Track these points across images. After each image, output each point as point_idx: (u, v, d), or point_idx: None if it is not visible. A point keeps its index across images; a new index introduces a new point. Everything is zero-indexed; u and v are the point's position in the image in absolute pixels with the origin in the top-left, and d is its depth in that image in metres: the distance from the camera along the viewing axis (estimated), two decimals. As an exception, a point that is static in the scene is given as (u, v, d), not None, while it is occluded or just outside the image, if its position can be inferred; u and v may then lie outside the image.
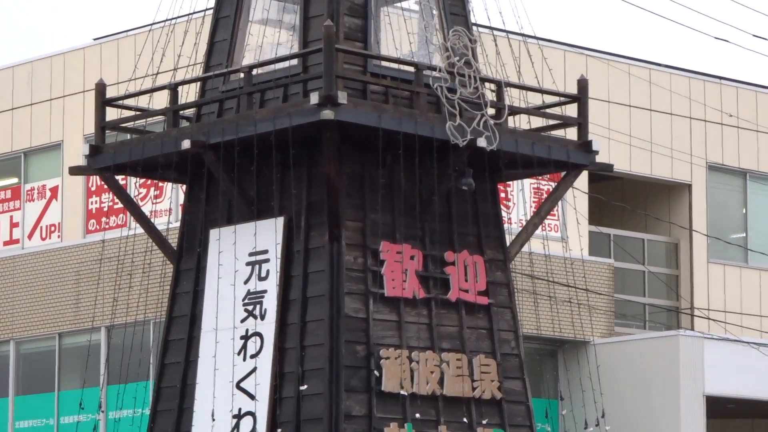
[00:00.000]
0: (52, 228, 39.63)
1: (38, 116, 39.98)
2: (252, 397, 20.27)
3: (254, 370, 20.34)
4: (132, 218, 22.72)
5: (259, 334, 20.40)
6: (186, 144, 20.76)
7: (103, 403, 33.49)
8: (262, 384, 20.22)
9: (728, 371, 37.89)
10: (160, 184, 29.96)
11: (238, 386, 20.42)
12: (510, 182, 25.72)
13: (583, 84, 22.35)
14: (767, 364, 37.92)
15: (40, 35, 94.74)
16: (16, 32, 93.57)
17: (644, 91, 40.01)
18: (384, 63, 20.80)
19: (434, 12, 21.42)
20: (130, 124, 22.72)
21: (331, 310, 19.99)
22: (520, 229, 22.48)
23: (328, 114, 19.54)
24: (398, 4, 21.73)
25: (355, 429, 19.73)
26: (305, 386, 19.91)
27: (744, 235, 42.17)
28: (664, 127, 40.95)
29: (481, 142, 20.41)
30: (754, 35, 32.49)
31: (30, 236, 40.00)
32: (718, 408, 38.12)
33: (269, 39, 21.48)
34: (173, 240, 22.20)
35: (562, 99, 22.68)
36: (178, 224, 22.51)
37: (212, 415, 20.46)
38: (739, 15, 33.04)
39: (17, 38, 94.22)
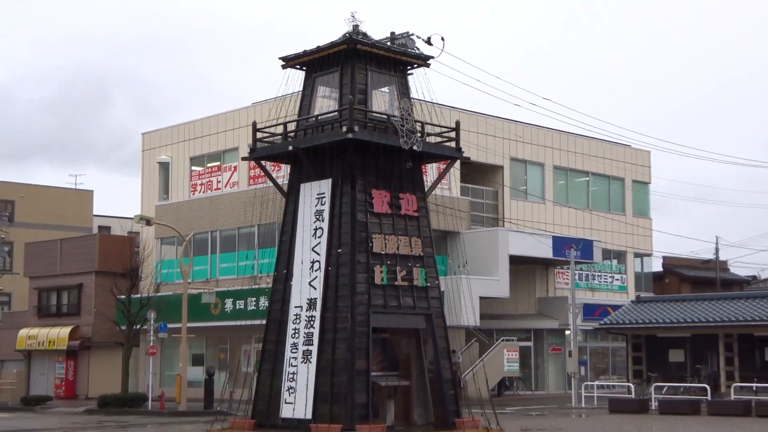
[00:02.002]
0: (234, 183, 39.75)
1: (228, 136, 39.98)
2: (318, 253, 20.30)
3: (319, 243, 20.39)
4: (267, 179, 22.75)
5: (321, 228, 20.42)
6: (290, 147, 20.84)
7: (256, 257, 33.72)
8: (323, 247, 20.24)
9: (520, 245, 38.33)
10: (280, 165, 30.07)
11: (312, 249, 20.42)
12: (427, 164, 25.77)
13: (458, 123, 22.36)
14: (537, 242, 38.26)
15: (225, 100, 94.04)
16: (214, 98, 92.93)
17: (485, 127, 40.12)
18: (374, 114, 20.81)
19: (395, 92, 21.43)
20: (267, 139, 22.79)
21: (351, 218, 19.97)
22: (431, 184, 22.59)
23: (350, 135, 19.67)
24: (379, 89, 21.72)
25: (362, 266, 19.78)
26: (340, 249, 20.00)
27: (525, 187, 42.48)
28: (464, 140, 40.94)
29: (415, 147, 20.47)
30: (535, 104, 32.61)
31: (225, 186, 40.13)
32: (515, 260, 38.50)
33: (325, 103, 21.43)
34: (285, 188, 22.29)
35: (449, 129, 22.75)
36: (287, 181, 22.62)
37: (302, 262, 20.55)
38: (526, 96, 33.14)
39: (217, 103, 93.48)
